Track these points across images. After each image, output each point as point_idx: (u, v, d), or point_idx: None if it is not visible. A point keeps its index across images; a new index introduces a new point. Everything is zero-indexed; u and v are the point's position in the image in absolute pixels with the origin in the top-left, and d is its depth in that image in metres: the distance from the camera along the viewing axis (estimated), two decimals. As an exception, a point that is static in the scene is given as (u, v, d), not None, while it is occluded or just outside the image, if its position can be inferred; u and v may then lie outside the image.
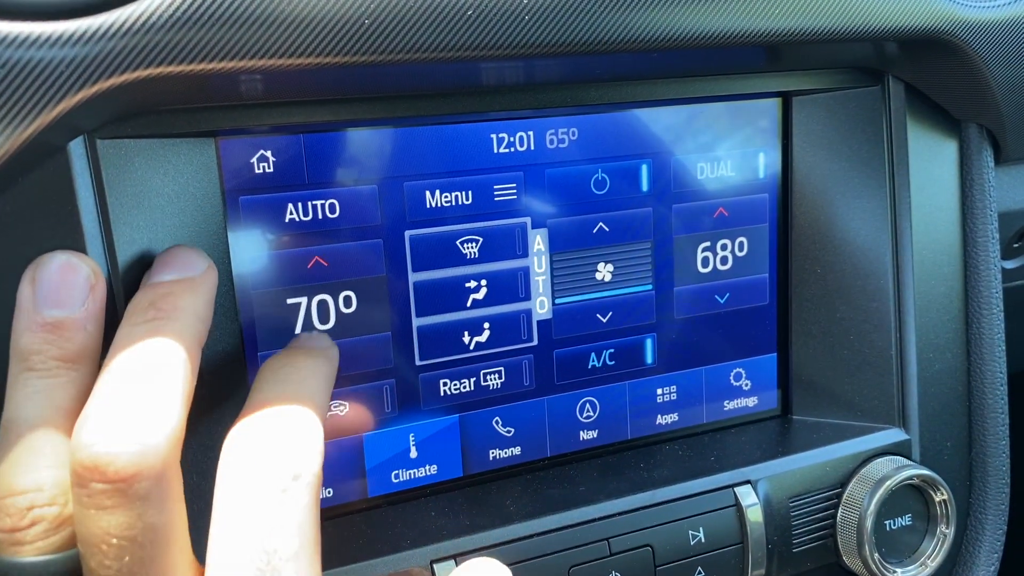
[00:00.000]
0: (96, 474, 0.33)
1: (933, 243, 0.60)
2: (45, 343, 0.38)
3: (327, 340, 0.48)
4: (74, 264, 0.39)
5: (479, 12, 0.41)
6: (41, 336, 0.38)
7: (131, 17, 0.36)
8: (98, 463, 0.33)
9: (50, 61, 0.36)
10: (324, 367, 0.44)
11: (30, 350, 0.38)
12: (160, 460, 0.34)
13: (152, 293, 0.40)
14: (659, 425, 0.61)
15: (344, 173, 0.50)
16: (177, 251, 0.43)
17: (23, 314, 0.38)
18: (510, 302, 0.55)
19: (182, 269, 0.42)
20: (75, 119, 0.38)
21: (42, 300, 0.38)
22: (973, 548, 0.63)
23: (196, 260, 0.42)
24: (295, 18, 0.39)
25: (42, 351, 0.38)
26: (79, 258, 0.40)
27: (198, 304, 0.40)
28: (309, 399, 0.40)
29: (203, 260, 0.43)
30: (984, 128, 0.60)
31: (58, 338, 0.38)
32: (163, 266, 0.42)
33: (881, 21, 0.50)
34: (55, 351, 0.38)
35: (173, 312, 0.39)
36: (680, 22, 0.45)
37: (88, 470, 0.34)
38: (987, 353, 0.62)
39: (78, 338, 0.38)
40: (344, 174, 0.50)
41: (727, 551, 0.54)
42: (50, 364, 0.38)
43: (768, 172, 0.61)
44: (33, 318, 0.38)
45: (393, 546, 0.49)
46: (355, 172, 0.50)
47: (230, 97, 0.44)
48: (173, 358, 0.37)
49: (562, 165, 0.55)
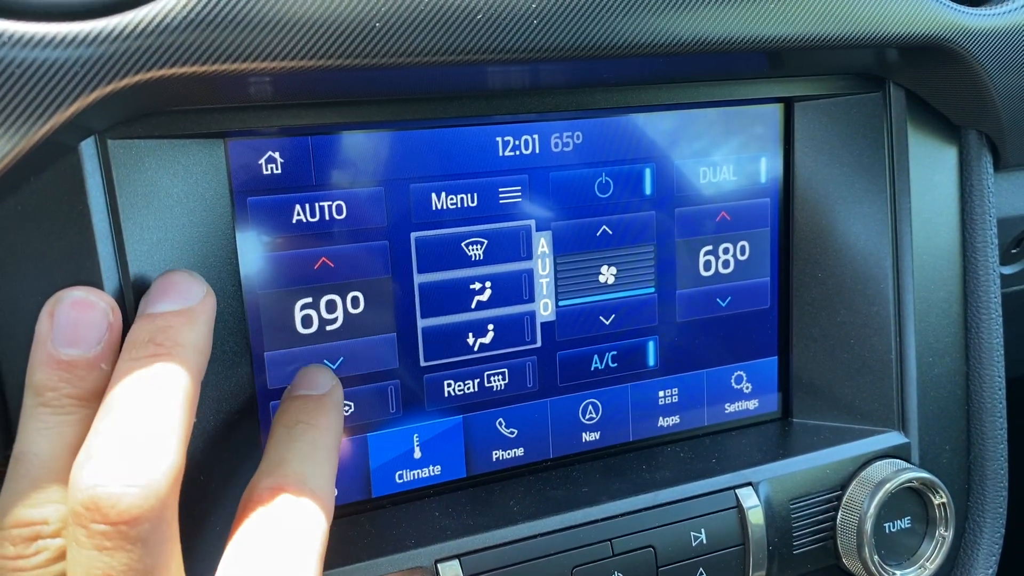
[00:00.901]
0: (98, 515, 0.34)
1: (933, 248, 0.61)
2: (60, 380, 0.38)
3: (332, 377, 0.48)
4: (92, 302, 0.40)
5: (488, 16, 0.42)
6: (56, 373, 0.38)
7: (145, 18, 0.37)
8: (100, 504, 0.34)
9: (64, 61, 0.36)
10: (336, 423, 0.46)
11: (45, 386, 0.38)
12: (161, 501, 0.35)
13: (151, 326, 0.40)
14: (661, 427, 0.61)
15: (351, 175, 0.50)
16: (174, 278, 0.43)
17: (40, 349, 0.39)
18: (514, 304, 0.56)
19: (180, 298, 0.41)
20: (87, 119, 0.39)
21: (59, 337, 0.39)
22: (971, 550, 0.64)
23: (194, 288, 0.42)
24: (306, 21, 0.39)
25: (57, 388, 0.38)
26: (97, 295, 0.40)
27: (197, 336, 0.41)
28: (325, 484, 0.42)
29: (200, 287, 0.42)
30: (983, 134, 0.61)
31: (73, 376, 0.38)
32: (161, 294, 0.42)
33: (882, 28, 0.51)
34: (69, 389, 0.38)
35: (173, 347, 0.39)
36: (685, 27, 0.46)
37: (89, 511, 0.34)
38: (986, 357, 0.62)
39: (92, 376, 0.39)
40: (351, 176, 0.50)
41: (728, 552, 0.55)
42: (64, 401, 0.38)
43: (770, 177, 0.61)
44: (50, 354, 0.38)
45: (397, 546, 0.49)
46: (362, 174, 0.51)
47: (239, 98, 0.45)
48: (173, 395, 0.37)
49: (566, 168, 0.55)
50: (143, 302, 0.42)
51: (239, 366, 0.49)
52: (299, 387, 0.47)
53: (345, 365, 0.52)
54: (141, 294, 0.43)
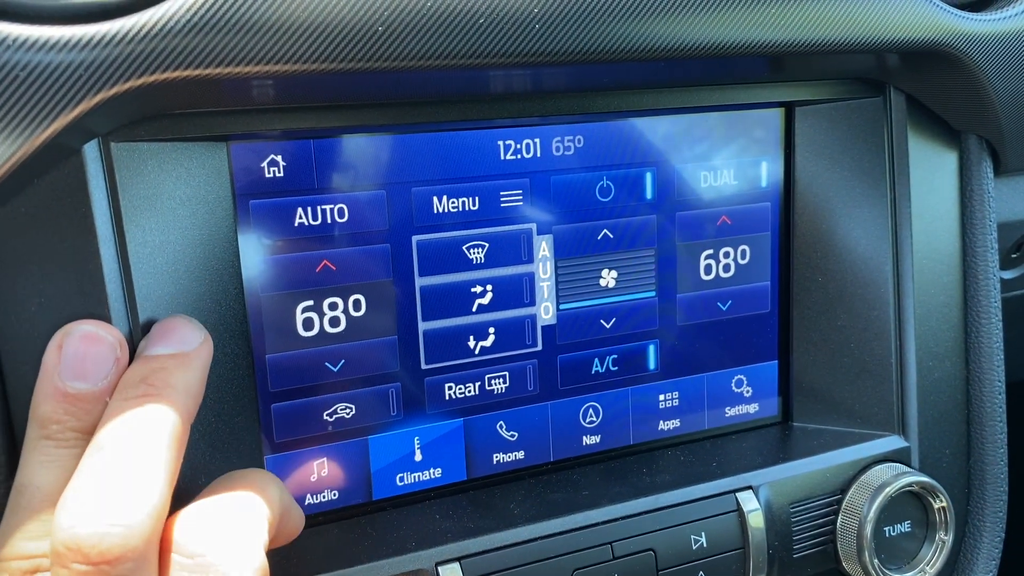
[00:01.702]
0: (78, 555, 0.34)
1: (933, 252, 0.61)
2: (65, 413, 0.38)
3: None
4: (101, 336, 0.40)
5: (490, 20, 0.42)
6: (62, 406, 0.38)
7: (149, 22, 0.37)
8: (80, 545, 0.34)
9: (69, 65, 0.36)
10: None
11: (49, 418, 0.38)
12: (144, 541, 0.35)
13: (145, 367, 0.40)
14: (661, 431, 0.61)
15: (353, 178, 0.51)
16: (174, 323, 0.43)
17: (47, 381, 0.39)
18: (515, 307, 0.56)
19: (177, 343, 0.42)
20: (91, 122, 0.39)
21: (66, 370, 0.39)
22: (971, 555, 0.64)
23: (191, 334, 0.42)
24: (309, 25, 0.39)
25: (61, 421, 0.38)
26: (107, 330, 0.40)
27: (190, 380, 0.41)
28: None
29: (198, 334, 0.43)
30: (984, 139, 0.61)
31: (78, 409, 0.39)
32: (159, 338, 0.42)
33: (883, 33, 0.51)
34: (74, 422, 0.39)
35: (164, 389, 0.39)
36: (687, 32, 0.46)
37: (70, 551, 0.34)
38: (986, 362, 0.62)
39: (97, 411, 0.39)
40: (353, 179, 0.51)
41: (728, 556, 0.55)
42: (67, 435, 0.38)
43: (770, 181, 0.61)
44: (56, 387, 0.39)
45: (398, 548, 0.49)
46: (363, 177, 0.51)
47: (242, 102, 0.45)
48: (161, 435, 0.37)
49: (568, 172, 0.55)
50: (141, 344, 0.42)
51: (240, 368, 0.49)
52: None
53: (346, 368, 0.52)
54: (143, 297, 0.43)
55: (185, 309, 0.45)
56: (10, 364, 0.41)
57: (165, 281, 0.45)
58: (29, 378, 0.41)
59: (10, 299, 0.40)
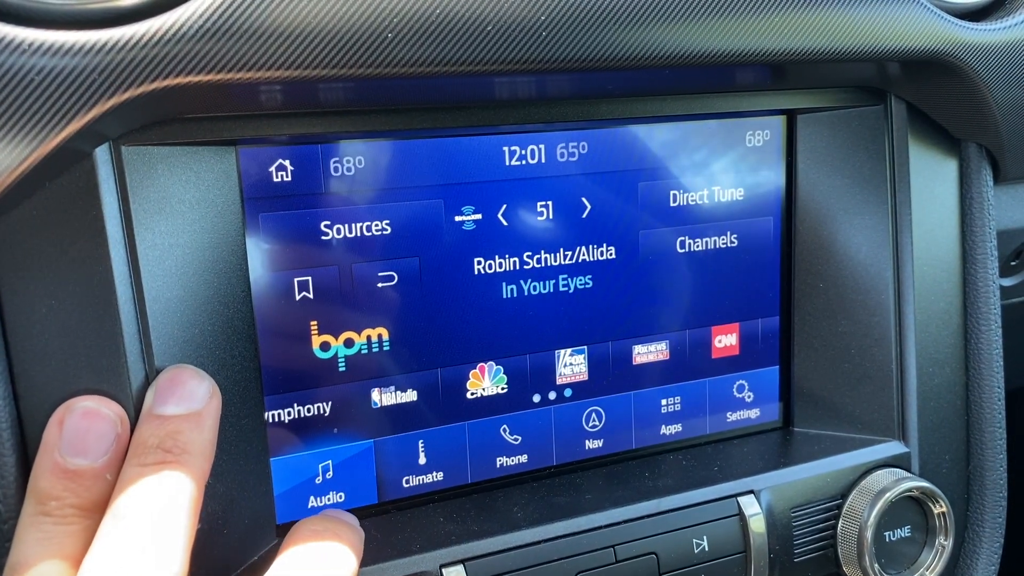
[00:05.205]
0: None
1: (933, 260, 0.61)
2: (64, 490, 0.38)
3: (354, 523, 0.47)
4: (103, 413, 0.40)
5: (497, 28, 0.42)
6: (61, 483, 0.38)
7: (162, 27, 0.37)
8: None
9: (83, 69, 0.37)
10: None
11: (48, 494, 0.38)
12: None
13: (160, 430, 0.40)
14: (663, 435, 0.62)
15: (360, 183, 0.51)
16: (181, 376, 0.43)
17: (46, 456, 0.39)
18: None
19: (186, 401, 0.42)
20: (103, 126, 0.39)
21: (67, 446, 0.39)
22: (971, 560, 0.64)
23: (200, 389, 0.42)
24: (318, 31, 0.40)
25: (60, 497, 0.38)
26: (107, 406, 0.41)
27: (204, 441, 0.41)
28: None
29: (207, 387, 0.43)
30: (984, 148, 0.61)
31: (78, 486, 0.38)
32: (168, 395, 0.42)
33: (884, 42, 0.52)
34: (73, 499, 0.38)
35: (181, 454, 0.39)
36: (692, 40, 0.46)
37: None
38: (985, 368, 0.63)
39: (97, 487, 0.39)
40: (360, 184, 0.51)
41: (730, 560, 0.55)
42: (67, 511, 0.38)
43: (772, 188, 0.62)
44: (56, 462, 0.39)
45: (403, 550, 0.50)
46: (371, 182, 0.51)
47: (252, 107, 0.46)
48: (180, 503, 0.38)
49: (570, 178, 0.56)
50: (150, 396, 0.42)
51: (247, 371, 0.49)
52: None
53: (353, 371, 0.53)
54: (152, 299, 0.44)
55: (193, 311, 0.46)
56: (20, 366, 0.41)
57: (174, 284, 0.45)
58: (39, 381, 0.41)
59: (22, 301, 0.41)
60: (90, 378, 0.42)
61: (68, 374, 0.42)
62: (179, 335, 0.45)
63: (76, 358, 0.42)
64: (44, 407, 0.42)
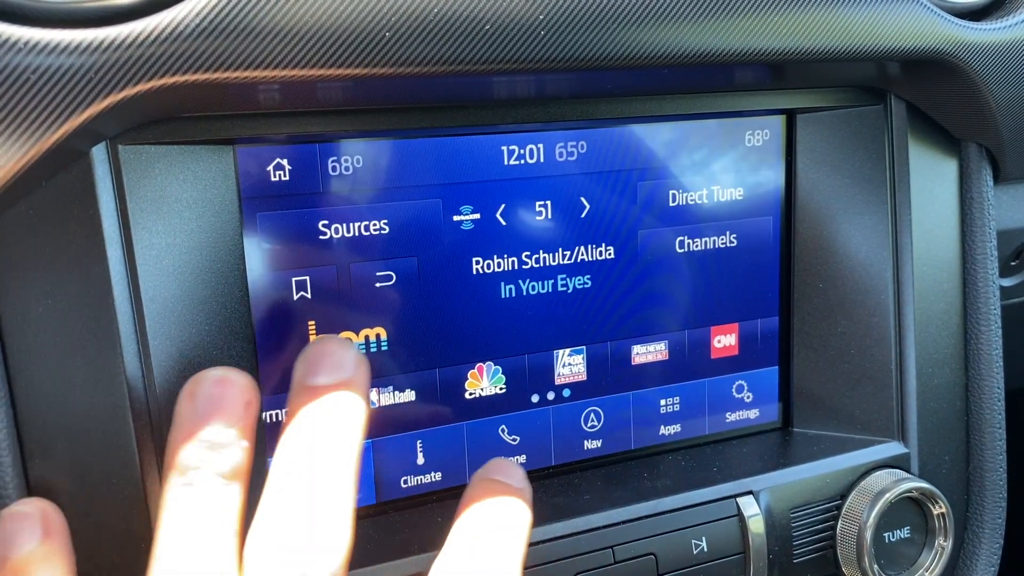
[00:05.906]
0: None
1: (933, 260, 0.61)
2: (204, 460, 0.38)
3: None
4: (232, 379, 0.40)
5: (496, 26, 0.42)
6: (200, 453, 0.38)
7: (159, 26, 0.37)
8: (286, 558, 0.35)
9: (79, 68, 0.36)
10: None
11: (188, 466, 0.38)
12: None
13: (312, 403, 0.40)
14: (662, 436, 0.62)
15: (359, 182, 0.51)
16: (326, 348, 0.42)
17: (182, 429, 0.39)
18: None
19: (336, 371, 0.41)
20: (100, 125, 0.39)
21: (201, 415, 0.39)
22: (970, 561, 0.64)
23: (346, 359, 0.42)
24: (316, 30, 0.39)
25: (200, 467, 0.38)
26: (237, 374, 0.40)
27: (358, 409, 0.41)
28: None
29: (352, 356, 0.42)
30: (983, 147, 0.61)
31: (216, 455, 0.38)
32: (316, 367, 0.41)
33: (884, 42, 0.52)
34: (214, 468, 0.38)
35: (335, 426, 0.39)
36: (691, 39, 0.46)
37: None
38: (985, 369, 0.63)
39: (236, 454, 0.39)
40: (358, 183, 0.51)
41: (729, 560, 0.55)
42: (210, 480, 0.38)
43: (771, 187, 0.62)
44: (192, 432, 0.38)
45: (401, 551, 0.49)
46: (369, 182, 0.51)
47: (249, 106, 0.45)
48: (346, 474, 0.38)
49: (569, 178, 0.56)
50: (300, 368, 0.42)
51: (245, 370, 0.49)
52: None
53: (350, 371, 0.52)
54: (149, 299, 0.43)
55: (190, 311, 0.46)
56: (16, 366, 0.41)
57: (171, 283, 0.45)
58: (36, 379, 0.41)
59: (18, 300, 0.41)
60: (87, 377, 0.42)
61: (64, 374, 0.42)
62: (176, 335, 0.45)
63: (73, 358, 0.42)
64: (40, 407, 0.41)
